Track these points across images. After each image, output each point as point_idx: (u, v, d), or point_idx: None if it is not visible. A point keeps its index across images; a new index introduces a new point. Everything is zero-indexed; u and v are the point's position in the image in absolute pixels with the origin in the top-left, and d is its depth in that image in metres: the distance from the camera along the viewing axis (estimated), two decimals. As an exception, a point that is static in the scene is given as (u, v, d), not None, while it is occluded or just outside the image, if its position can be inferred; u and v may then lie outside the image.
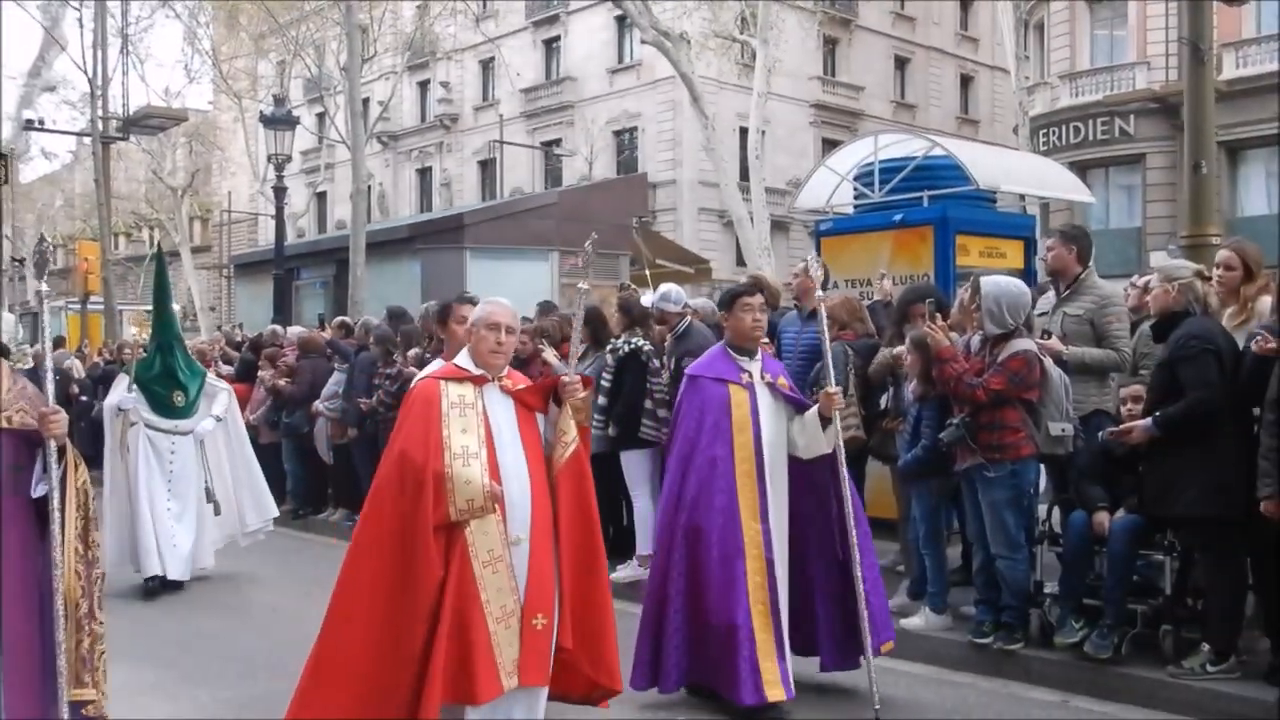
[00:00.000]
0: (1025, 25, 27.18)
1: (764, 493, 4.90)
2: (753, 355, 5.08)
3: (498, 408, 4.07)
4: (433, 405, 3.95)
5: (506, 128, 34.61)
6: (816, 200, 9.44)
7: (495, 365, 4.11)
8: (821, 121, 35.24)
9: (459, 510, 3.84)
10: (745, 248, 19.57)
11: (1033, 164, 10.46)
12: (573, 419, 4.18)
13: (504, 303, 4.24)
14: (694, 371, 5.13)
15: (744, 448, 4.89)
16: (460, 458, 3.87)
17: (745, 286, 5.30)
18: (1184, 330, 5.07)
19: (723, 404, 4.93)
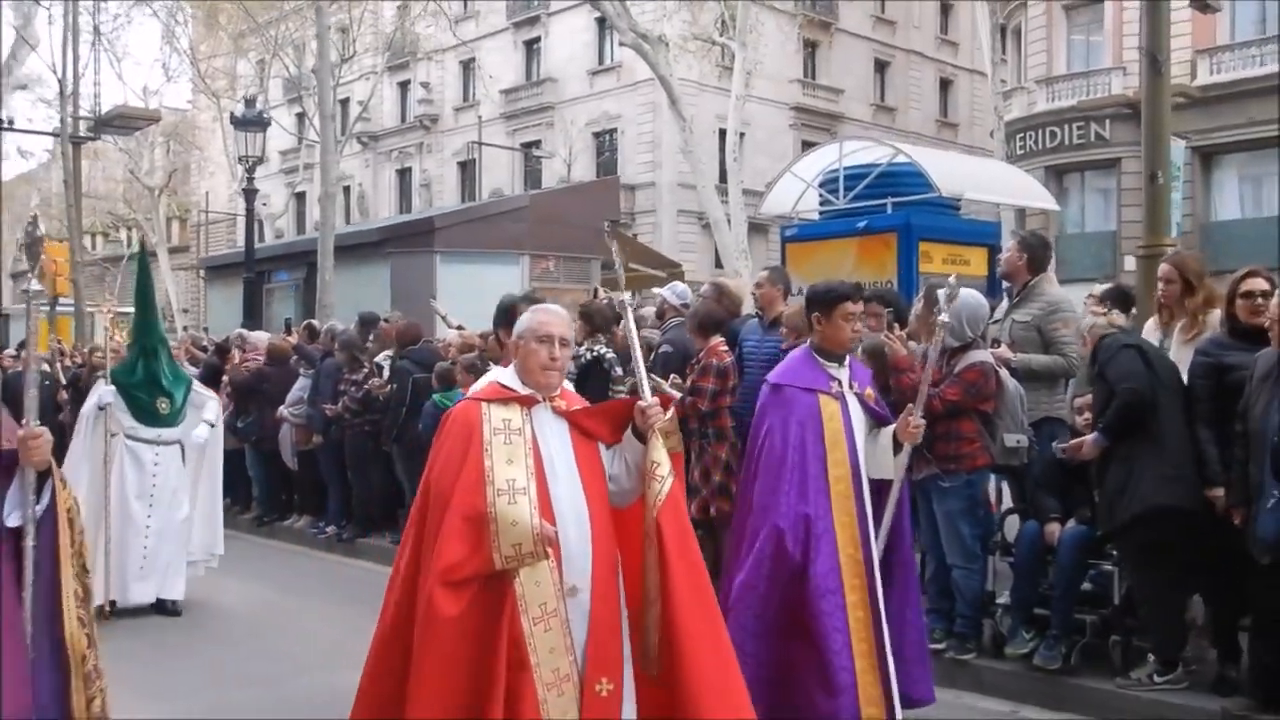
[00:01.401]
0: (1003, 30, 27.30)
1: (863, 515, 4.35)
2: (842, 361, 4.56)
3: (550, 433, 3.44)
4: (473, 431, 3.35)
5: (487, 129, 34.53)
6: (783, 206, 9.46)
7: (548, 384, 3.46)
8: (801, 124, 35.30)
9: (505, 557, 3.19)
10: (723, 250, 19.58)
11: (998, 171, 10.50)
12: (664, 447, 3.47)
13: (558, 310, 3.69)
14: (778, 380, 4.54)
15: (839, 465, 4.34)
16: (506, 494, 3.25)
17: (849, 289, 4.66)
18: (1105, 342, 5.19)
19: (813, 416, 4.38)
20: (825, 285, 4.71)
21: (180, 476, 7.59)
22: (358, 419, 9.42)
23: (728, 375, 6.69)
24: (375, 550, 9.42)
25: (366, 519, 9.78)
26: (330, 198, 16.39)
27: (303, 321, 12.58)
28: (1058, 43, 27.12)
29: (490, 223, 14.37)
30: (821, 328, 4.51)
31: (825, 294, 4.57)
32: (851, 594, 4.25)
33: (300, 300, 16.95)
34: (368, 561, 9.33)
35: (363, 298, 12.65)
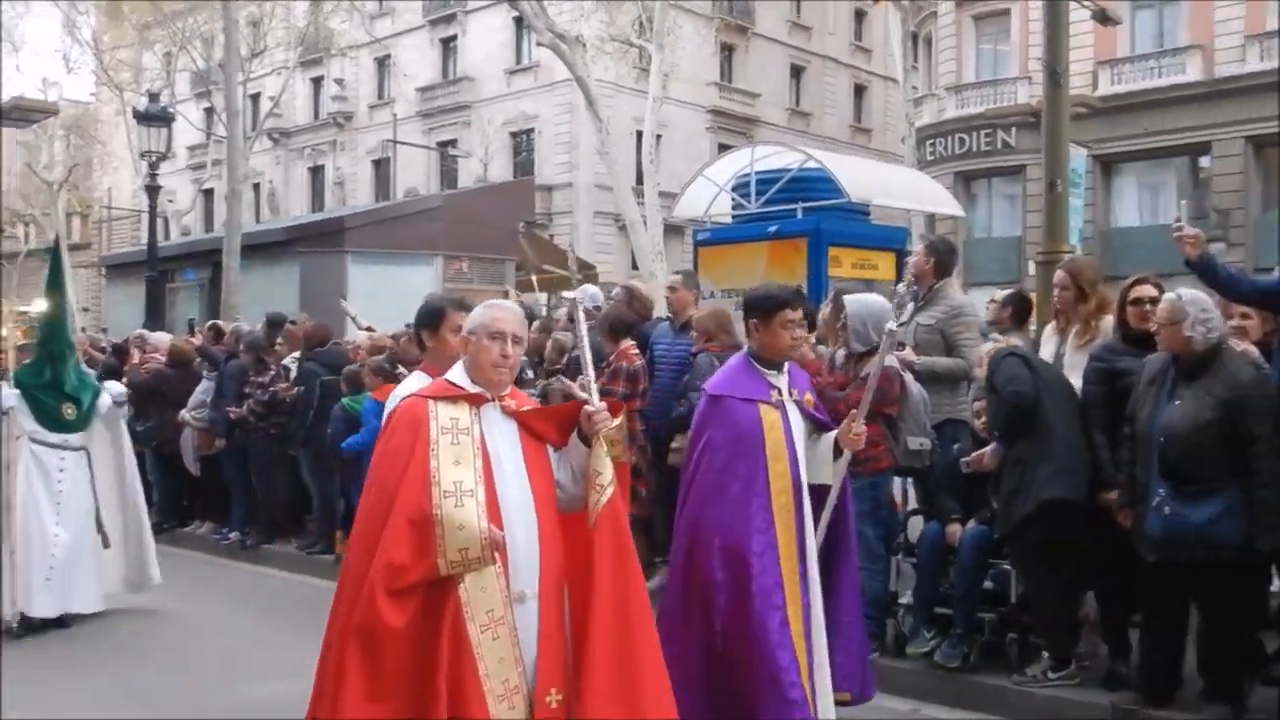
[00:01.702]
0: (914, 37, 27.85)
1: (802, 527, 4.20)
2: (781, 369, 4.35)
3: (498, 434, 3.33)
4: (419, 429, 3.22)
5: (402, 127, 34.13)
6: (696, 209, 9.50)
7: (498, 382, 3.36)
8: (718, 127, 35.56)
9: (450, 562, 3.06)
10: (639, 252, 19.62)
11: (906, 177, 10.69)
12: (608, 456, 3.36)
13: (512, 306, 3.61)
14: (716, 390, 4.33)
15: (781, 477, 4.16)
16: (452, 496, 3.12)
17: (788, 295, 4.41)
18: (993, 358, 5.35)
19: (753, 427, 4.18)
20: (764, 291, 4.51)
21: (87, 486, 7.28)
22: (263, 422, 9.22)
23: (638, 379, 6.70)
24: (281, 557, 9.23)
25: (272, 525, 9.58)
26: (237, 195, 16.02)
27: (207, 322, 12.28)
28: (967, 51, 27.75)
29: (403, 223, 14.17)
30: (760, 335, 4.31)
31: (764, 300, 4.36)
32: (791, 606, 4.13)
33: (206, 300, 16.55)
34: (273, 568, 9.14)
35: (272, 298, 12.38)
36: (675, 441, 6.58)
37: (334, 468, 8.69)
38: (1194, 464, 4.47)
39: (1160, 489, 4.53)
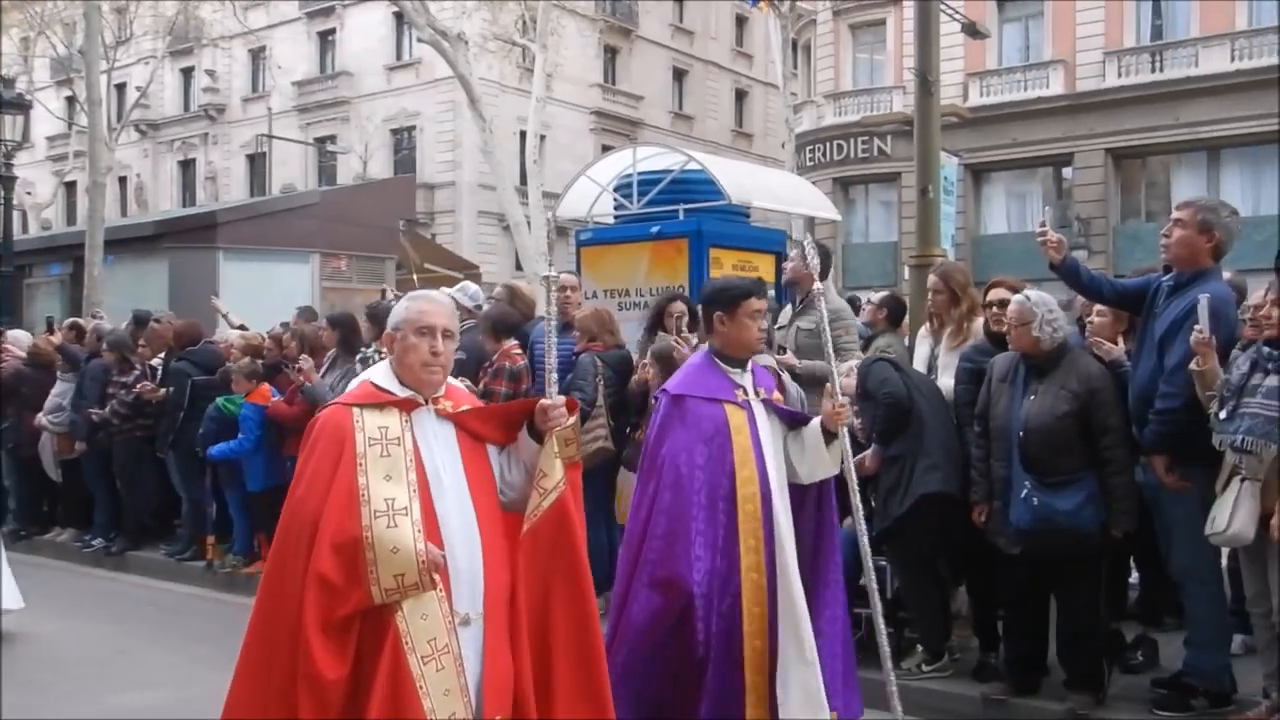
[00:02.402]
0: (794, 44, 28.35)
1: (770, 537, 3.86)
2: (745, 366, 4.07)
3: (434, 440, 3.02)
4: (344, 442, 2.90)
5: (278, 121, 33.23)
6: (578, 209, 9.46)
7: (430, 383, 3.04)
8: (602, 129, 35.64)
9: (385, 590, 2.78)
10: (523, 253, 19.50)
11: (786, 181, 10.86)
12: (558, 457, 3.09)
13: (440, 298, 3.27)
14: (678, 389, 3.99)
15: (748, 483, 3.86)
16: (384, 516, 2.83)
17: (751, 285, 4.14)
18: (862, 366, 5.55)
19: (719, 430, 3.88)
20: (724, 282, 4.25)
21: None
22: (128, 424, 8.85)
23: (520, 379, 6.65)
24: (148, 563, 8.89)
25: (138, 530, 9.21)
26: (99, 187, 15.35)
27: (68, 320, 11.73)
28: (844, 60, 28.41)
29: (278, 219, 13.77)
30: (724, 329, 4.00)
31: (724, 291, 4.08)
32: (750, 623, 3.83)
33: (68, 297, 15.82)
34: (139, 576, 8.80)
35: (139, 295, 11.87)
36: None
37: (204, 471, 8.41)
38: (1054, 456, 4.66)
39: (1025, 481, 4.70)
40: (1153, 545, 5.08)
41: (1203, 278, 4.48)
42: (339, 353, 7.78)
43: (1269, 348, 4.22)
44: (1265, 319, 4.26)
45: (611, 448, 6.55)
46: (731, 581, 3.82)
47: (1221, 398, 4.27)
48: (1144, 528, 4.95)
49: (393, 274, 14.28)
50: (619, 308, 8.11)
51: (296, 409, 7.74)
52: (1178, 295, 4.51)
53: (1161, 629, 5.58)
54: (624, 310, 8.16)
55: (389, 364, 3.11)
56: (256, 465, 8.00)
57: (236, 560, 8.31)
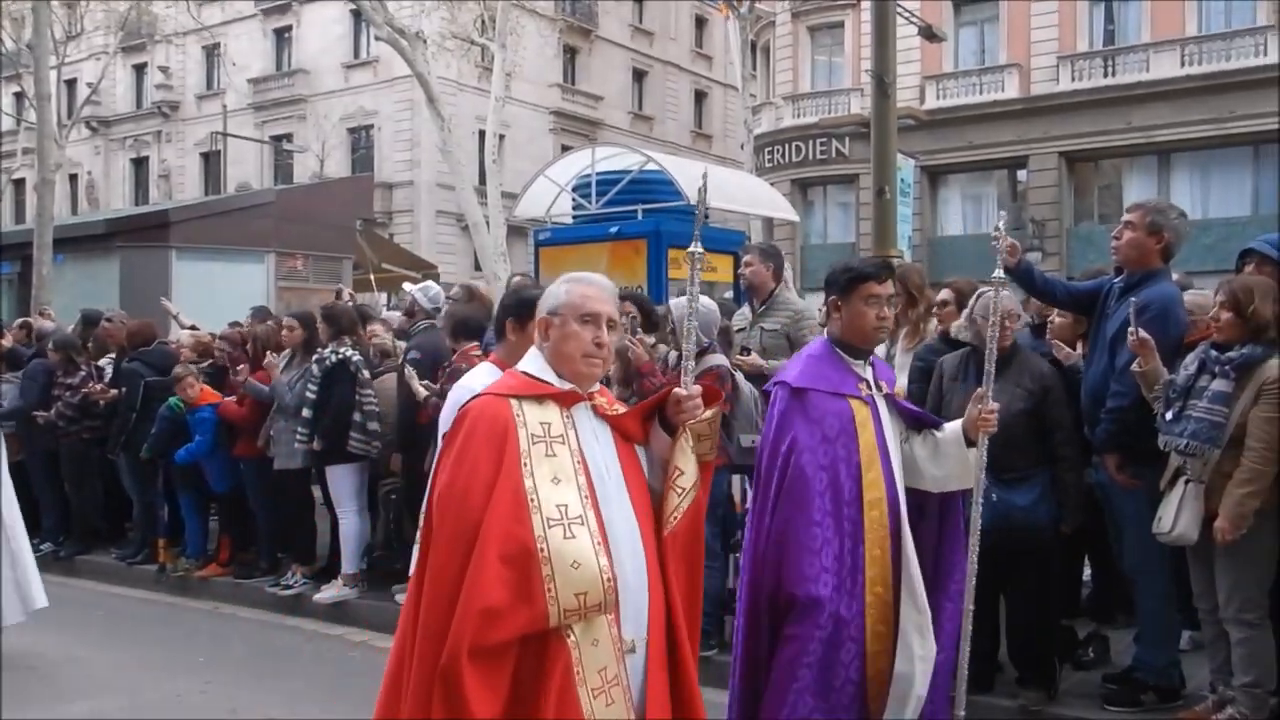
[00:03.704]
0: (753, 46, 28.47)
1: (898, 546, 3.54)
2: (866, 357, 3.72)
3: (594, 441, 2.69)
4: (505, 437, 2.54)
5: (234, 119, 32.86)
6: (537, 209, 9.45)
7: (590, 376, 2.74)
8: (561, 129, 35.58)
9: (564, 610, 2.43)
10: (481, 252, 19.40)
11: (744, 182, 10.91)
12: (693, 453, 2.76)
13: (604, 282, 2.87)
14: (799, 382, 3.59)
15: (874, 486, 3.50)
16: (559, 525, 2.48)
17: (874, 267, 3.77)
18: None
19: (845, 428, 3.52)
20: (844, 263, 3.84)
21: None
22: (75, 426, 8.69)
23: (477, 380, 6.60)
24: (99, 567, 8.73)
25: (88, 534, 9.04)
26: (48, 184, 15.08)
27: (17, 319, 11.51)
28: (803, 62, 28.57)
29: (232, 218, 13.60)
30: (840, 315, 3.67)
31: (842, 273, 3.72)
32: (874, 642, 3.49)
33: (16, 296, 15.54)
34: (90, 580, 8.63)
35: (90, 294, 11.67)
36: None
37: (157, 473, 8.29)
38: (1009, 453, 4.69)
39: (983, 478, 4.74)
40: (1106, 543, 5.15)
41: (1153, 279, 4.54)
42: (298, 352, 7.68)
43: (1216, 350, 4.29)
44: (1212, 321, 4.33)
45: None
46: (856, 596, 3.47)
47: (1168, 399, 4.33)
48: (1097, 525, 5.02)
49: (350, 274, 14.15)
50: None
51: (245, 409, 7.65)
52: (1128, 296, 4.58)
53: (1113, 626, 5.66)
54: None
55: (540, 352, 2.76)
56: (216, 467, 7.90)
57: (189, 563, 8.19)
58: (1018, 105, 24.97)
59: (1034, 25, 25.06)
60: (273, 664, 6.33)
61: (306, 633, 7.01)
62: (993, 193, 26.48)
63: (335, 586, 7.22)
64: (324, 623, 7.12)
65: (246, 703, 5.52)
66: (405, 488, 7.27)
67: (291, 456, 7.34)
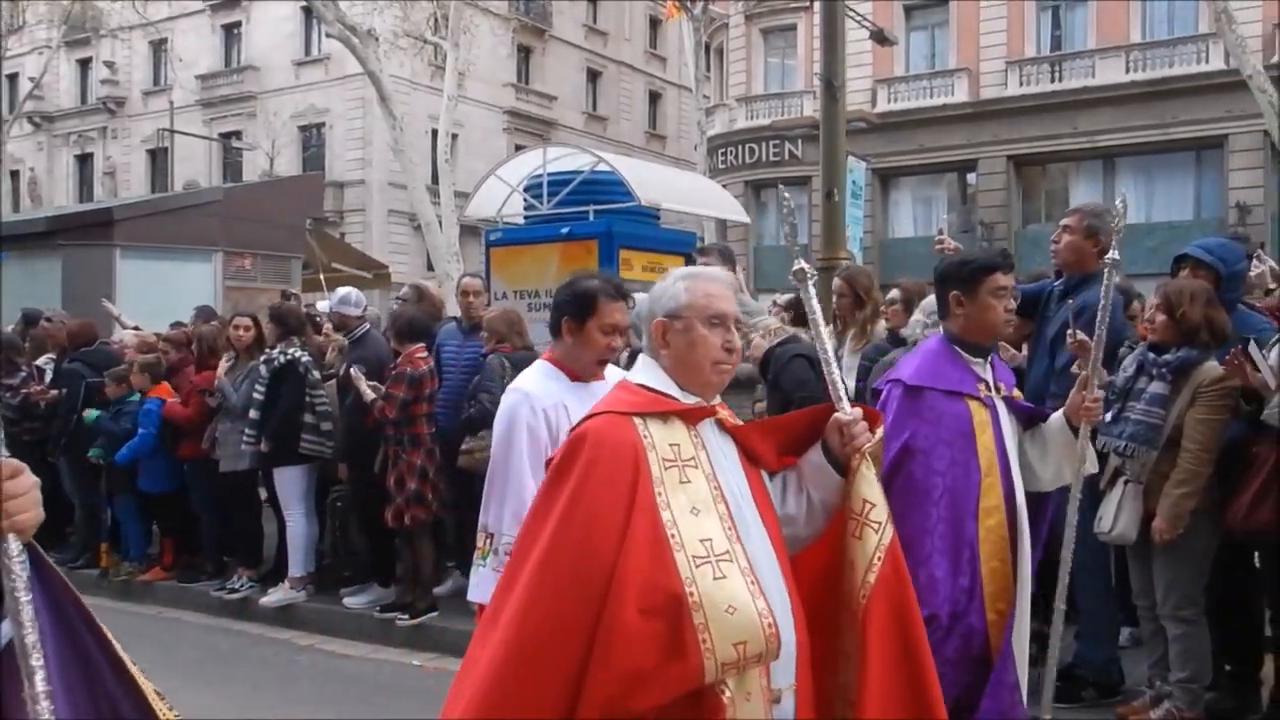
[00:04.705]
0: (707, 48, 28.56)
1: (1016, 556, 3.25)
2: (987, 355, 3.44)
3: (724, 461, 2.34)
4: (636, 465, 2.19)
5: (181, 116, 32.37)
6: (489, 209, 9.40)
7: (717, 386, 2.43)
8: (515, 128, 35.45)
9: (722, 664, 2.08)
10: (434, 252, 19.31)
11: (695, 183, 10.94)
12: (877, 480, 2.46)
13: (723, 276, 2.56)
14: (916, 380, 3.30)
15: (991, 492, 3.22)
16: (707, 564, 2.13)
17: (997, 257, 3.48)
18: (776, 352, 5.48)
19: (965, 432, 3.23)
20: (961, 256, 3.60)
21: None
22: (14, 428, 8.51)
23: (422, 384, 6.56)
24: (38, 573, 8.56)
25: (28, 538, 8.85)
26: (-10, 182, 14.79)
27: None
28: (756, 64, 28.72)
29: (179, 216, 13.36)
30: (964, 309, 3.36)
31: (963, 266, 3.42)
32: None
33: (-46, 295, 15.16)
34: (28, 585, 8.46)
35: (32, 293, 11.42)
36: (465, 444, 6.50)
37: (99, 476, 8.15)
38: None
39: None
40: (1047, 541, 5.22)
41: (1091, 282, 4.62)
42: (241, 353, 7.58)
43: (1154, 353, 4.37)
44: (1147, 323, 4.42)
45: (519, 449, 6.51)
46: (975, 612, 3.17)
47: (1107, 399, 4.40)
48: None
49: (299, 273, 13.99)
50: (529, 309, 8.07)
51: (191, 410, 7.55)
52: (1067, 299, 4.65)
53: (1054, 623, 5.73)
54: (534, 311, 8.12)
55: (654, 360, 2.41)
56: (156, 468, 7.78)
57: (132, 567, 8.07)
58: (967, 109, 25.29)
59: (983, 30, 25.39)
60: (218, 668, 6.25)
61: (253, 636, 6.94)
62: (943, 195, 26.79)
63: (282, 589, 7.15)
64: (271, 626, 7.04)
65: (192, 707, 5.42)
66: (352, 494, 7.23)
67: (238, 458, 7.26)
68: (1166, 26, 23.97)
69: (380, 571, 7.13)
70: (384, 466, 6.65)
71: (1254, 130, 20.74)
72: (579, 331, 3.40)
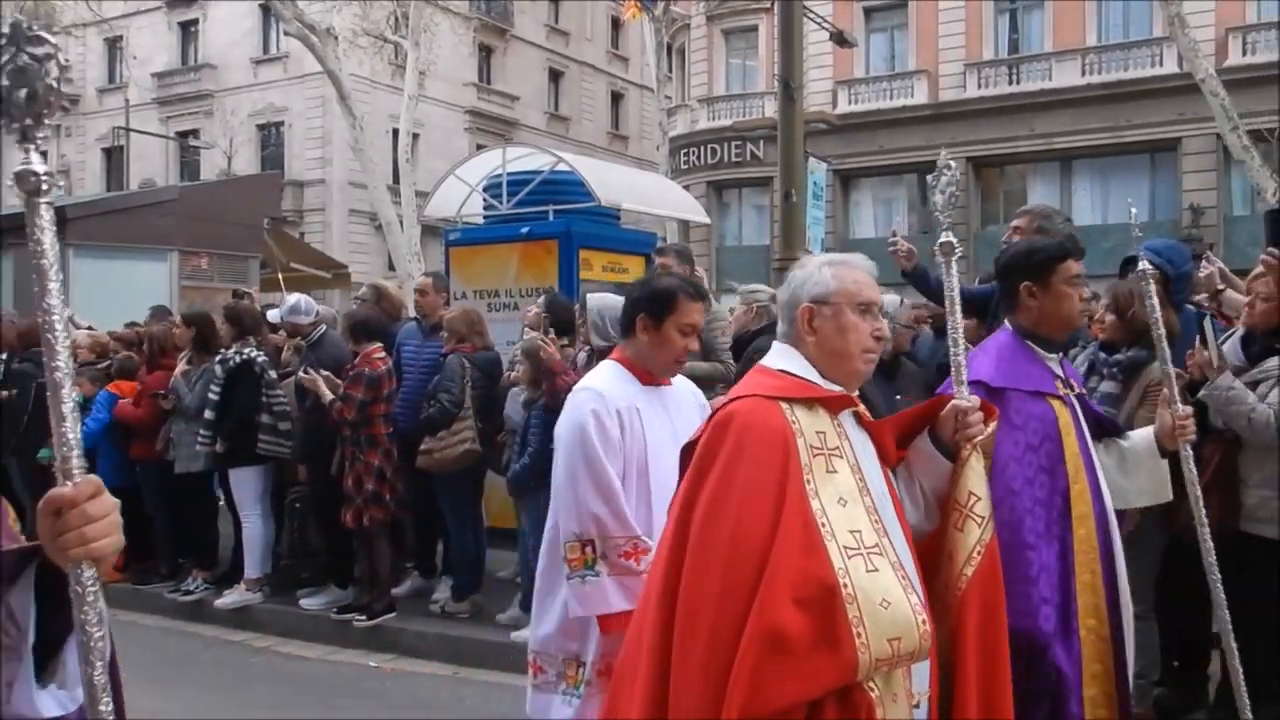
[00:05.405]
0: (669, 48, 28.61)
1: (1111, 571, 3.02)
2: (1059, 349, 3.20)
3: (863, 453, 2.29)
4: (786, 451, 2.12)
5: (137, 114, 31.93)
6: (448, 209, 9.37)
7: (862, 376, 2.37)
8: (476, 128, 35.33)
9: (876, 659, 2.02)
10: (395, 252, 19.23)
11: (655, 184, 10.95)
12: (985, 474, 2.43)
13: (865, 263, 2.44)
14: (998, 381, 2.96)
15: (1081, 499, 2.96)
16: (858, 555, 2.08)
17: (1066, 244, 3.23)
18: (755, 345, 5.48)
19: (1050, 435, 2.96)
20: (1027, 245, 3.34)
21: None
22: (-39, 432, 8.37)
23: (380, 384, 6.53)
24: (-12, 577, 8.42)
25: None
26: (-63, 180, 14.52)
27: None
28: (718, 64, 28.79)
29: (133, 215, 13.19)
30: (1038, 301, 3.10)
31: (1032, 255, 3.17)
32: (1090, 685, 2.91)
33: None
34: (-22, 590, 8.32)
35: (-20, 293, 11.27)
36: (424, 444, 6.48)
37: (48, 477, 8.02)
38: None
39: None
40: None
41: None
42: (192, 353, 7.50)
43: (1104, 352, 4.43)
44: (1098, 323, 4.48)
45: (479, 449, 6.51)
46: (1074, 632, 2.90)
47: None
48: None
49: (257, 273, 13.86)
50: (489, 309, 8.05)
51: (143, 411, 7.47)
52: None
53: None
54: (494, 311, 8.11)
55: (793, 347, 2.34)
56: (105, 464, 7.69)
57: (85, 571, 7.95)
58: (927, 111, 25.48)
59: (942, 33, 25.61)
60: (172, 671, 6.18)
61: (207, 639, 6.87)
62: (903, 196, 26.98)
63: (238, 591, 7.09)
64: (226, 629, 6.98)
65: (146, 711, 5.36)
66: (311, 495, 7.18)
67: (193, 459, 7.19)
68: (1122, 30, 24.30)
69: (338, 573, 7.08)
70: (341, 467, 6.61)
71: (1207, 133, 21.08)
72: (656, 330, 3.29)
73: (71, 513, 1.35)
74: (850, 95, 26.40)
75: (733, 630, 1.99)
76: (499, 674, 5.84)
